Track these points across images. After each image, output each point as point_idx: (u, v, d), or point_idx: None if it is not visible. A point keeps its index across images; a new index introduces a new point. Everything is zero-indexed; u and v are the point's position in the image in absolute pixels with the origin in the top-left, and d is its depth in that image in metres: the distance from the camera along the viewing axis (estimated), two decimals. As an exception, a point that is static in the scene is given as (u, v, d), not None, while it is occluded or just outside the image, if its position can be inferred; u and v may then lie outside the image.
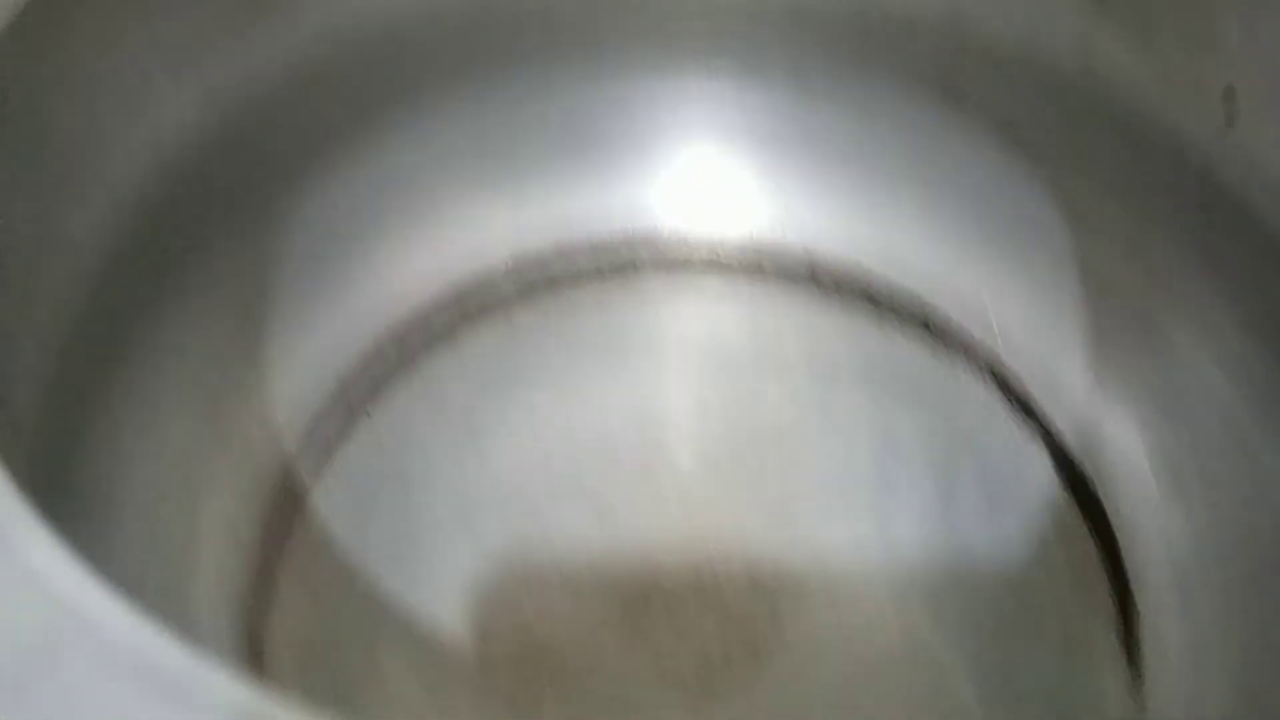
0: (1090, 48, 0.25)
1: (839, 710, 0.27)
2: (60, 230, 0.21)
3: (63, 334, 0.22)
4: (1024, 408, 0.31)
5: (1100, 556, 0.29)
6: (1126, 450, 0.29)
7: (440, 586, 0.29)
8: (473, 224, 0.33)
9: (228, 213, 0.26)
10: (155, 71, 0.21)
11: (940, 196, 0.32)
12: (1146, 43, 0.24)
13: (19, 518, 0.14)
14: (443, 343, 0.32)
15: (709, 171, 0.34)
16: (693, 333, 0.33)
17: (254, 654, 0.27)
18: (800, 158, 0.33)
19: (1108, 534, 0.29)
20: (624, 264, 0.34)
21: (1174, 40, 0.24)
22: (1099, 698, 0.27)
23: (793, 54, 0.30)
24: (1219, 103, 0.23)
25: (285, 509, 0.29)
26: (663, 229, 0.34)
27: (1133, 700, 0.27)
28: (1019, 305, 0.31)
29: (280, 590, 0.28)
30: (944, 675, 0.28)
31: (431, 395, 0.32)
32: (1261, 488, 0.26)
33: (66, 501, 0.23)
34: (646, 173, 0.34)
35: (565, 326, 0.33)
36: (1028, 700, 0.27)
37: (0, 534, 0.15)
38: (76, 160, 0.21)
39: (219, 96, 0.23)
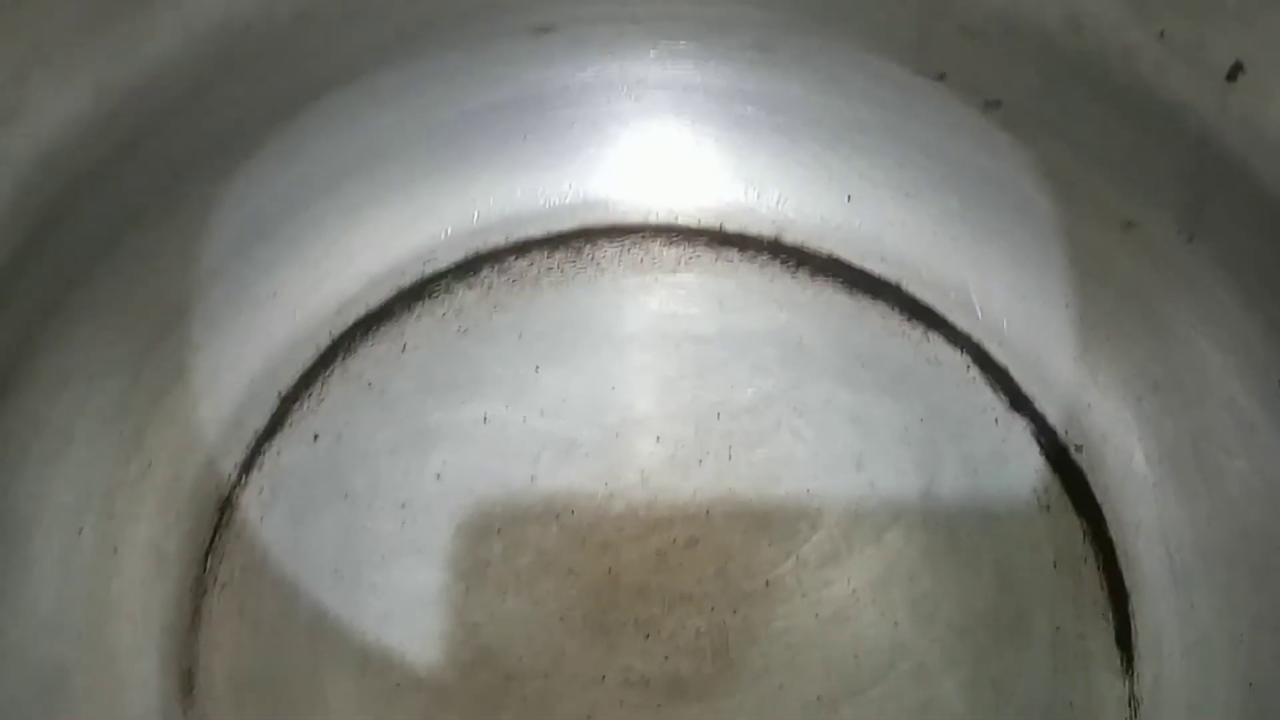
0: (1079, 11, 0.22)
1: (817, 717, 0.26)
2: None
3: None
4: (1010, 393, 0.29)
5: (1093, 551, 0.27)
6: (1120, 438, 0.27)
7: (386, 601, 0.27)
8: (415, 210, 0.30)
9: (138, 216, 0.24)
10: (33, 70, 0.19)
11: (917, 169, 0.30)
12: (1141, 3, 0.22)
13: None
14: (385, 339, 0.30)
15: (672, 147, 0.31)
16: (654, 312, 0.31)
17: (185, 689, 0.25)
18: (768, 132, 0.30)
19: (1100, 528, 0.27)
20: (581, 242, 0.31)
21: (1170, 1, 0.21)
22: (1093, 704, 0.25)
23: (758, 22, 0.28)
24: (1221, 66, 0.21)
25: (217, 527, 0.27)
26: (623, 205, 0.32)
27: (1128, 706, 0.25)
28: (1003, 284, 0.29)
29: (213, 617, 0.26)
30: (928, 678, 0.26)
31: (374, 396, 0.29)
32: (1268, 477, 0.24)
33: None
34: (604, 150, 0.31)
35: (518, 312, 0.31)
36: (1018, 705, 0.26)
37: None
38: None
39: (113, 91, 0.21)
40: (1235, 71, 0.21)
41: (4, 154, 0.19)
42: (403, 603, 0.27)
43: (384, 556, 0.27)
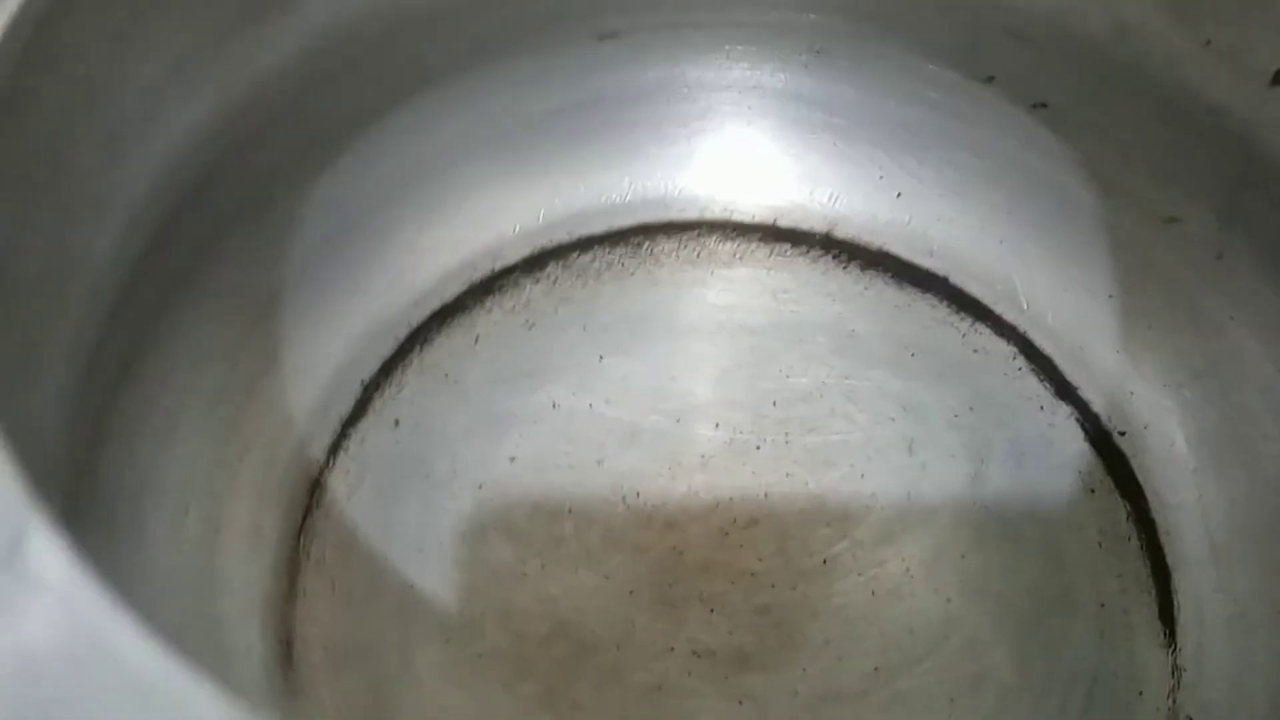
0: (1125, 16, 0.24)
1: (874, 687, 0.27)
2: (79, 246, 0.20)
3: (82, 348, 0.21)
4: (1055, 382, 0.30)
5: (1136, 531, 0.28)
6: (1161, 423, 0.29)
7: (468, 576, 0.29)
8: (485, 209, 0.32)
9: (238, 214, 0.26)
10: (166, 76, 0.21)
11: (965, 168, 0.31)
12: (1185, 8, 0.23)
13: (37, 530, 0.14)
14: (459, 331, 0.32)
15: (728, 147, 0.33)
16: (711, 304, 0.33)
17: (285, 658, 0.27)
18: (822, 132, 0.32)
19: (1143, 508, 0.28)
20: (641, 238, 0.33)
21: (1215, 4, 0.23)
22: (1137, 673, 0.27)
23: (814, 28, 0.29)
24: (1265, 71, 0.22)
25: (309, 508, 0.29)
26: (681, 202, 0.33)
27: (1171, 676, 0.27)
28: (1048, 277, 0.31)
29: (308, 591, 0.28)
30: (980, 650, 0.28)
31: (450, 385, 0.31)
32: (1302, 460, 0.26)
33: (90, 513, 0.23)
34: (663, 150, 0.33)
35: (582, 305, 0.32)
36: (1065, 675, 0.27)
37: (17, 547, 0.14)
38: (93, 173, 0.20)
39: (228, 97, 0.22)
40: (1279, 76, 0.22)
41: (143, 156, 0.21)
42: (483, 577, 0.28)
43: (464, 534, 0.29)
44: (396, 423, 0.30)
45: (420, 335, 0.31)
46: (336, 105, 0.27)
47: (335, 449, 0.30)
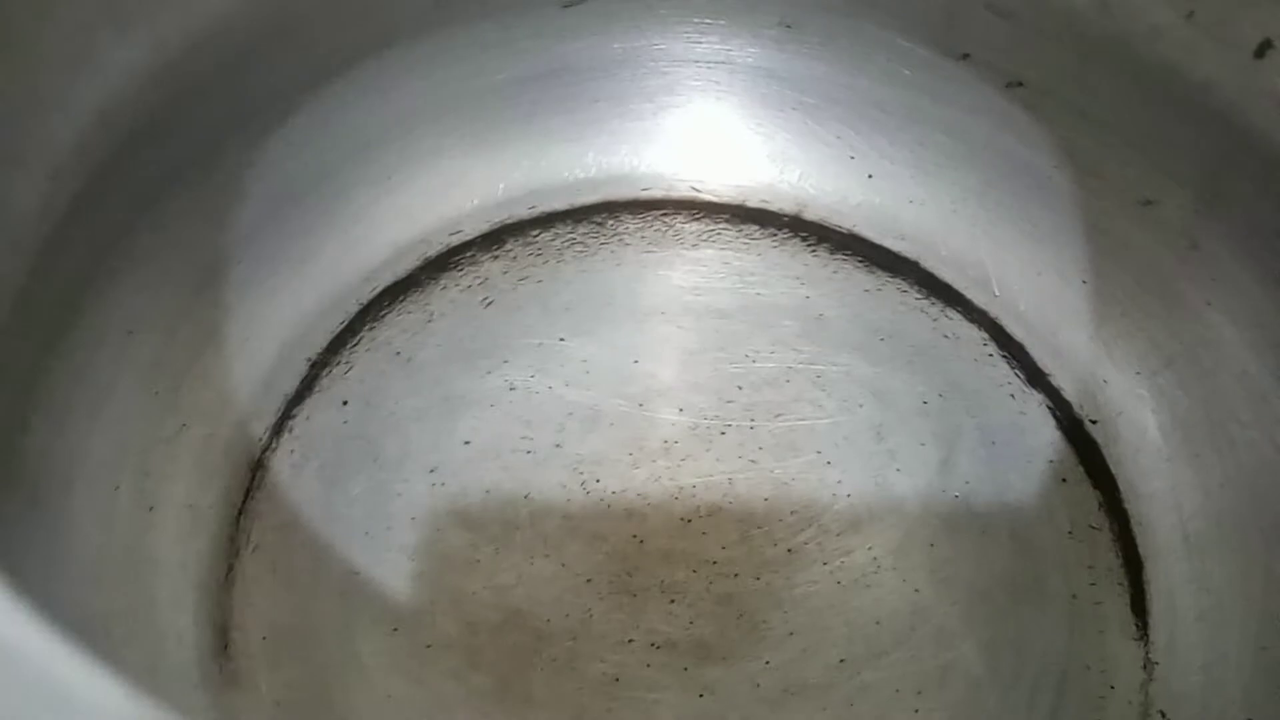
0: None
1: (840, 680, 0.26)
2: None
3: (2, 309, 0.20)
4: (1026, 368, 0.30)
5: (1108, 521, 0.28)
6: (1134, 411, 0.28)
7: (418, 563, 0.27)
8: (443, 180, 0.31)
9: (180, 174, 0.24)
10: (100, 23, 0.19)
11: (938, 149, 0.30)
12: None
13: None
14: (412, 308, 0.30)
15: (696, 123, 0.32)
16: (677, 285, 0.32)
17: (220, 646, 0.25)
18: (791, 110, 0.31)
19: (1115, 497, 0.28)
20: (605, 215, 0.32)
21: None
22: (1109, 665, 0.26)
23: (785, 0, 0.28)
24: (1250, 43, 0.21)
25: (249, 488, 0.27)
26: (646, 179, 0.32)
27: (1144, 669, 0.26)
28: (1020, 261, 0.30)
29: (246, 575, 0.26)
30: (948, 641, 0.27)
31: (401, 364, 0.30)
32: (1278, 445, 0.25)
33: (13, 490, 0.21)
34: (628, 125, 0.32)
35: (542, 284, 0.31)
36: (1036, 668, 0.26)
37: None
38: (14, 123, 0.18)
39: (170, 48, 0.21)
40: (1264, 49, 0.21)
41: (70, 100, 0.19)
42: (433, 564, 0.27)
43: (414, 519, 0.28)
44: (344, 402, 0.29)
45: (371, 311, 0.30)
46: (288, 63, 0.26)
47: (279, 428, 0.28)
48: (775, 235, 0.32)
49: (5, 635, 0.13)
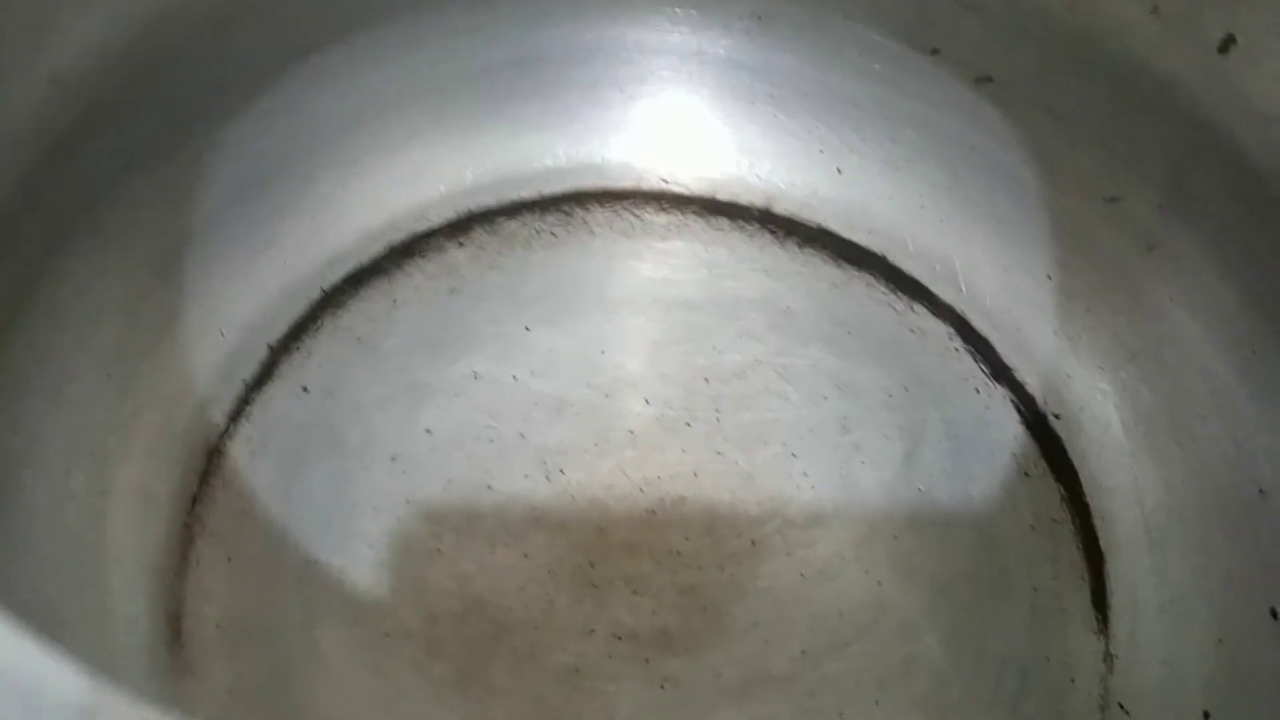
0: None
1: (802, 671, 0.26)
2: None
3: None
4: (991, 363, 0.30)
5: (1070, 514, 0.28)
6: (1097, 406, 0.28)
7: (378, 551, 0.27)
8: (410, 167, 0.30)
9: (142, 154, 0.24)
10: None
11: (906, 144, 0.30)
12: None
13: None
14: (376, 295, 0.30)
15: (666, 114, 0.32)
16: (645, 276, 0.31)
17: (174, 634, 0.25)
18: (762, 103, 0.31)
19: (1077, 491, 0.28)
20: (573, 205, 0.32)
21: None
22: (1070, 659, 0.26)
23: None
24: (1213, 38, 0.22)
25: (206, 474, 0.27)
26: (616, 170, 0.32)
27: (1104, 662, 0.26)
28: (987, 257, 0.30)
29: (201, 563, 0.26)
30: (912, 634, 0.27)
31: (365, 351, 0.29)
32: (1238, 442, 0.25)
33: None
34: (599, 114, 0.32)
35: (509, 273, 0.31)
36: (998, 661, 0.26)
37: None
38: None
39: (131, 23, 0.21)
40: (1227, 44, 0.22)
41: (27, 72, 0.19)
42: (394, 553, 0.27)
43: (375, 508, 0.27)
44: (305, 389, 0.29)
45: (334, 298, 0.30)
46: (255, 44, 0.25)
47: (237, 414, 0.28)
48: (744, 228, 0.32)
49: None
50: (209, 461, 0.27)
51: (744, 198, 0.32)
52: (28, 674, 0.13)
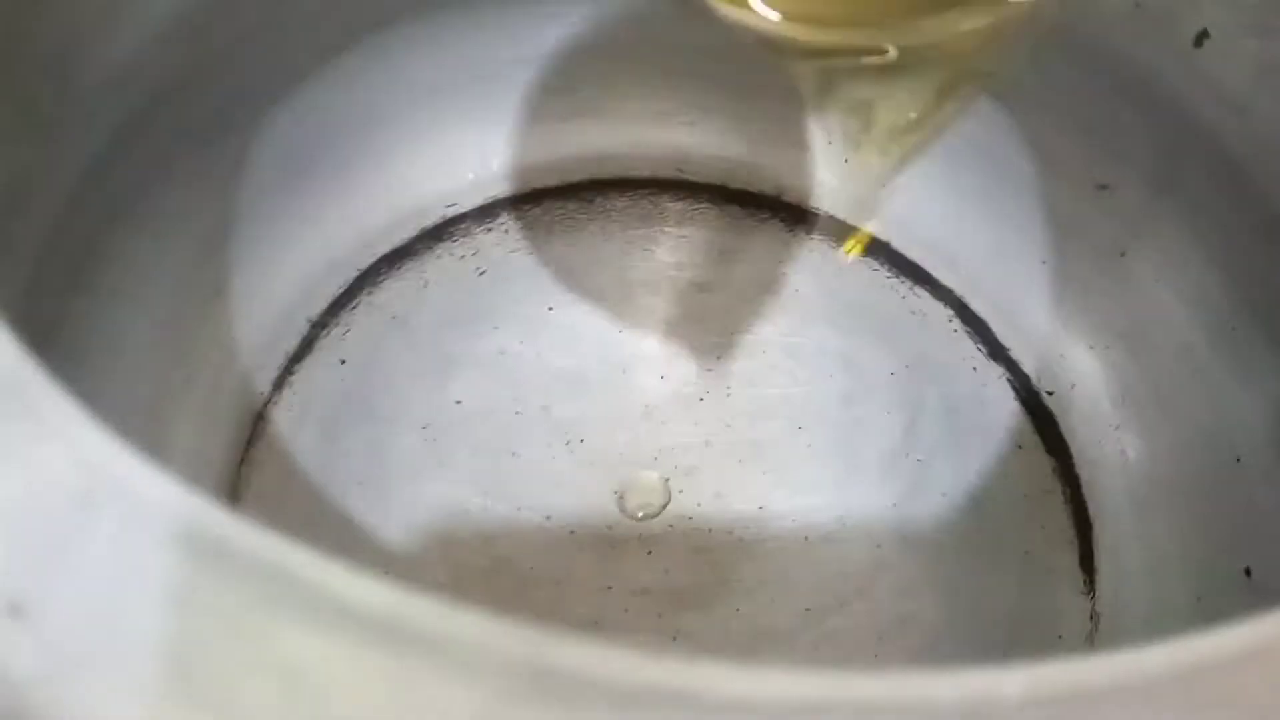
0: (1064, -23, 0.25)
1: (806, 627, 0.28)
2: (28, 155, 0.20)
3: (24, 266, 0.21)
4: (988, 343, 0.31)
5: (1060, 485, 0.29)
6: (1087, 383, 0.30)
7: (410, 513, 0.29)
8: (441, 155, 0.32)
9: (194, 139, 0.26)
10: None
11: (909, 130, 0.32)
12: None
13: (36, 382, 0.13)
14: (408, 275, 0.32)
15: (682, 107, 0.34)
16: (661, 260, 0.33)
17: (224, 581, 0.27)
18: (772, 98, 0.33)
19: (1068, 463, 0.30)
20: (593, 193, 0.34)
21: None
22: (1057, 617, 0.28)
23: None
24: (1189, 33, 0.23)
25: (251, 439, 0.29)
26: (634, 159, 0.34)
27: (1090, 620, 0.28)
28: (984, 243, 0.32)
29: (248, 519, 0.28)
30: (910, 593, 0.28)
31: (397, 327, 0.31)
32: (1218, 414, 0.27)
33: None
34: (619, 106, 0.33)
35: (533, 256, 0.33)
36: (989, 618, 0.28)
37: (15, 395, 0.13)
38: (49, 78, 0.20)
39: (190, 16, 0.23)
40: (1200, 38, 0.23)
41: (98, 59, 0.21)
42: (425, 515, 0.29)
43: (408, 472, 0.29)
44: (343, 361, 0.31)
45: (369, 277, 0.32)
46: (297, 38, 0.27)
47: (280, 384, 0.30)
48: (755, 215, 0.34)
49: (123, 480, 0.13)
50: (254, 427, 0.29)
51: (755, 186, 0.34)
52: (132, 481, 0.13)
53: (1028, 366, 0.31)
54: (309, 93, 0.29)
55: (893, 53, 0.20)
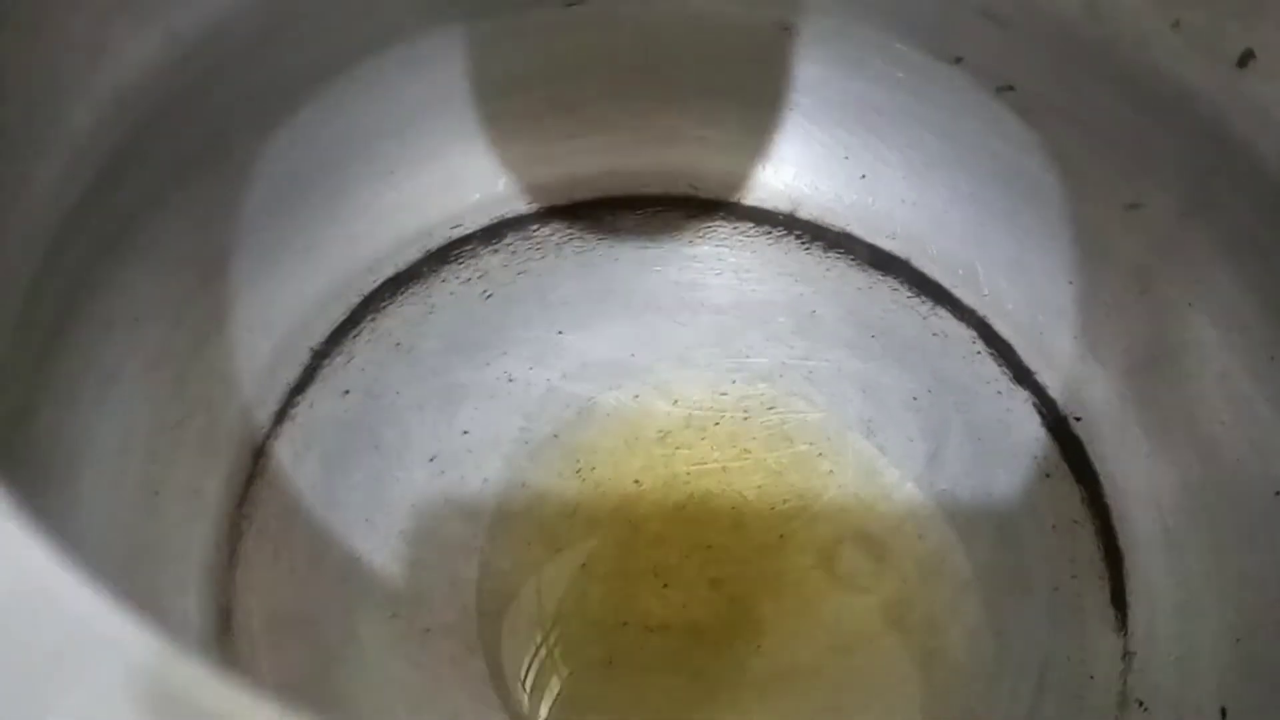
0: (1098, -4, 0.24)
1: (828, 664, 0.27)
2: (17, 186, 0.19)
3: (15, 296, 0.20)
4: (1013, 366, 0.30)
5: (1089, 515, 0.28)
6: (1117, 410, 0.29)
7: (417, 549, 0.28)
8: (445, 175, 0.31)
9: (189, 165, 0.25)
10: (117, 14, 0.20)
11: (929, 150, 0.31)
12: (1158, -12, 0.23)
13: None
14: (413, 300, 0.31)
15: (693, 122, 0.33)
16: (673, 281, 0.32)
17: (223, 628, 0.26)
18: (787, 111, 0.32)
19: (1097, 492, 0.29)
20: (603, 211, 0.33)
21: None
22: (1088, 656, 0.27)
23: (782, 2, 0.29)
24: (1233, 53, 0.22)
25: (252, 474, 0.28)
26: (644, 176, 0.33)
27: (1122, 659, 0.27)
28: (1009, 262, 0.31)
29: (249, 559, 0.27)
30: (934, 629, 0.28)
31: (402, 354, 0.30)
32: (1256, 444, 0.26)
33: (22, 471, 0.22)
34: (628, 122, 0.32)
35: (541, 278, 0.32)
36: (1018, 657, 0.27)
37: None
38: (36, 109, 0.19)
39: (182, 42, 0.22)
40: (1246, 58, 0.22)
41: (87, 89, 0.20)
42: (432, 550, 0.28)
43: (414, 506, 0.28)
44: (346, 392, 0.30)
45: (372, 302, 0.31)
46: (294, 58, 0.26)
47: (281, 416, 0.29)
48: (770, 233, 0.33)
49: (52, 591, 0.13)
50: (255, 461, 0.28)
51: (770, 203, 0.33)
52: (101, 627, 0.13)
53: (1054, 391, 0.30)
54: (307, 115, 0.28)
55: None
